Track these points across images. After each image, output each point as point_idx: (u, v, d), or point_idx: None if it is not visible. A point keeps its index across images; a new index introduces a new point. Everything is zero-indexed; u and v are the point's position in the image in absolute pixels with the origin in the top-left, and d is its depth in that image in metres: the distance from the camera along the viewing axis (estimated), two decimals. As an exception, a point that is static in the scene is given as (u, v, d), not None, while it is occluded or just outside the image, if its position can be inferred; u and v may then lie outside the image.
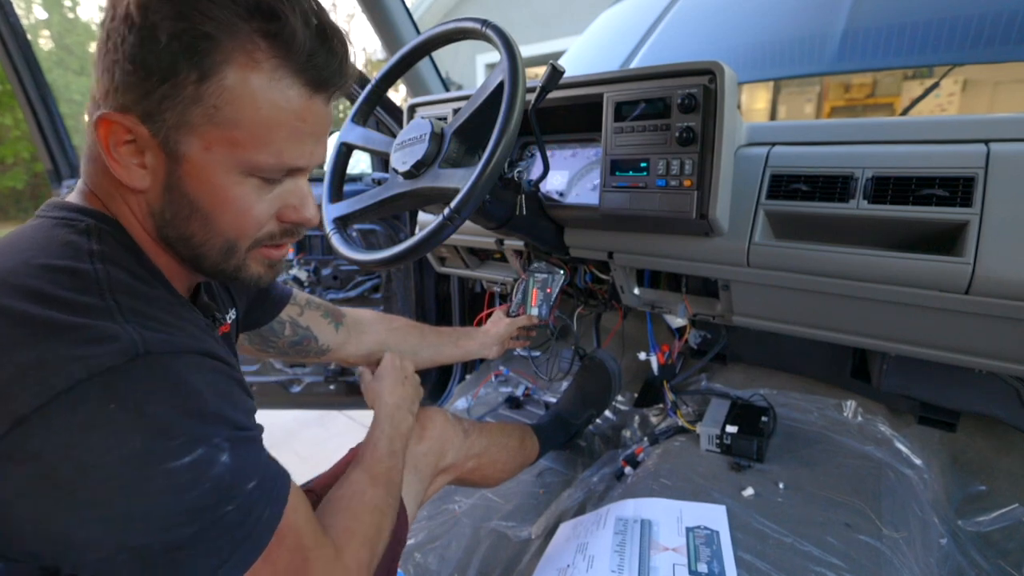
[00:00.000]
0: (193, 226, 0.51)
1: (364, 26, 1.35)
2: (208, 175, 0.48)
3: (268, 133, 0.48)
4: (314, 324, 0.90)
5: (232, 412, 0.47)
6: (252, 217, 0.51)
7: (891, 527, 0.81)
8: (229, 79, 0.45)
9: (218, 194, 0.49)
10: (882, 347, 0.86)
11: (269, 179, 0.51)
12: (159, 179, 0.49)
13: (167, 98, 0.45)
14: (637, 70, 0.87)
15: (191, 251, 0.52)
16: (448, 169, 0.76)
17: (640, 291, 1.10)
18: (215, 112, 0.46)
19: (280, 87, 0.47)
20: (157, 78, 0.44)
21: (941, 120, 0.79)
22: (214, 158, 0.48)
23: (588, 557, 0.78)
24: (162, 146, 0.47)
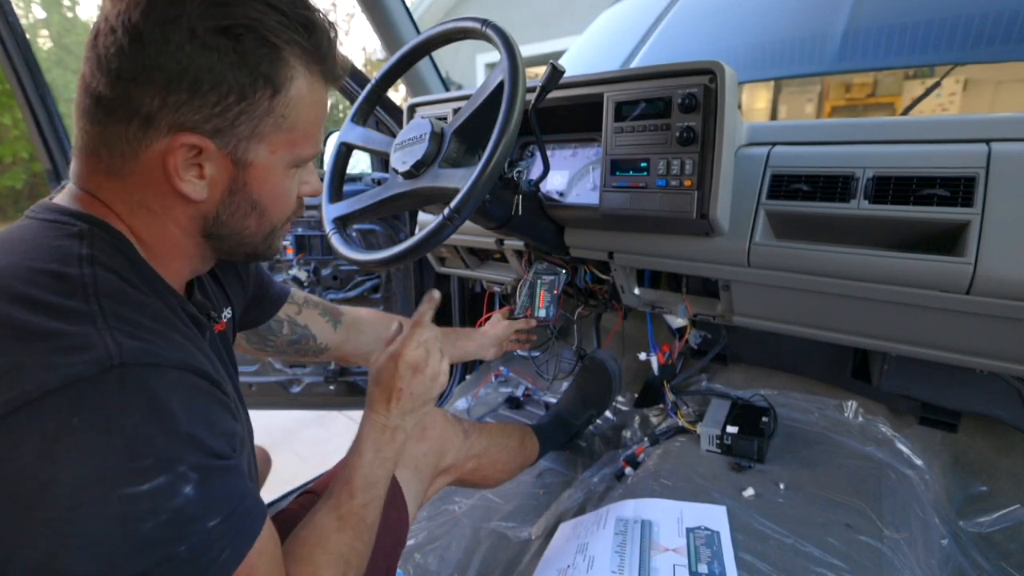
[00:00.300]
0: (249, 220, 0.55)
1: (364, 26, 1.35)
2: (271, 175, 0.53)
3: (313, 129, 0.55)
4: (312, 323, 0.90)
5: (207, 437, 0.44)
6: (292, 202, 0.58)
7: (892, 528, 0.81)
8: (293, 90, 0.50)
9: (276, 190, 0.55)
10: (883, 347, 0.86)
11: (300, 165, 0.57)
12: (220, 187, 0.52)
13: (243, 114, 0.48)
14: (637, 70, 0.87)
15: (239, 242, 0.57)
16: (448, 169, 0.76)
17: (640, 291, 1.10)
18: (282, 120, 0.51)
19: (319, 88, 0.53)
20: (234, 98, 0.47)
21: (942, 120, 0.79)
22: (277, 159, 0.53)
23: (588, 557, 0.78)
24: (229, 156, 0.50)
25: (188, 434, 0.42)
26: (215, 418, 0.46)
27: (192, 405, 0.44)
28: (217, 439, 0.45)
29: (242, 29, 0.46)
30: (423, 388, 0.70)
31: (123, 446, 0.39)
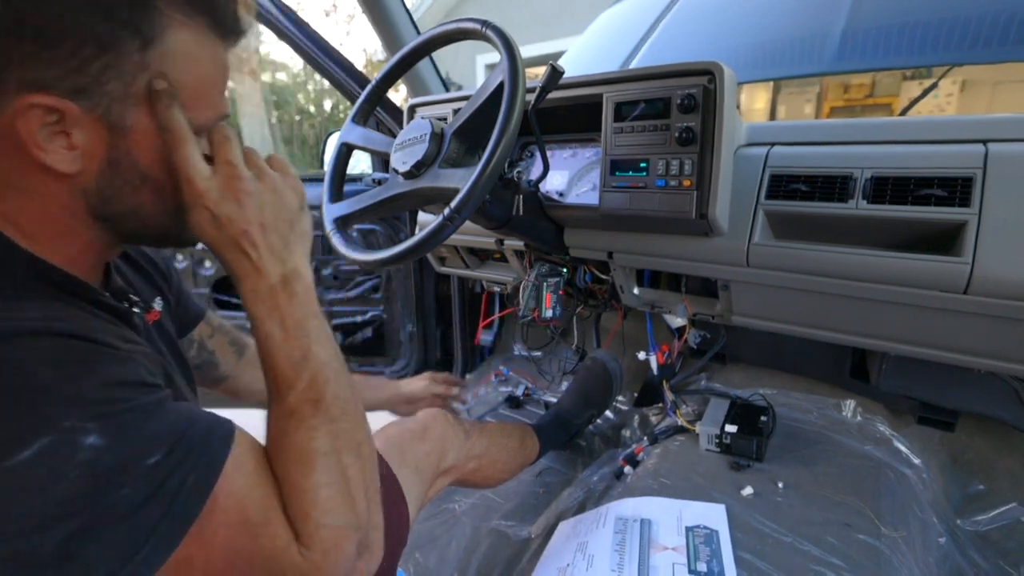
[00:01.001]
0: (143, 196, 0.48)
1: (364, 27, 1.35)
2: (157, 142, 0.47)
3: (206, 89, 0.48)
4: (220, 349, 0.84)
5: (93, 389, 0.39)
6: (200, 170, 0.49)
7: (890, 527, 0.81)
8: (170, 42, 0.44)
9: (167, 159, 0.48)
10: (881, 347, 0.86)
11: (203, 131, 0.50)
12: (97, 157, 0.45)
13: (108, 68, 0.42)
14: (637, 70, 0.87)
15: (139, 222, 0.50)
16: (448, 169, 0.76)
17: (640, 291, 1.11)
18: (162, 78, 0.44)
19: (208, 43, 0.47)
20: (92, 49, 0.41)
21: (940, 120, 0.79)
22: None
23: (588, 556, 0.78)
24: (102, 120, 0.44)
25: (60, 392, 0.38)
26: (103, 369, 0.41)
27: (64, 364, 0.40)
28: (113, 387, 0.41)
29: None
30: (273, 210, 0.53)
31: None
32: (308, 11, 10.07)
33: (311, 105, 9.64)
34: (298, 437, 0.49)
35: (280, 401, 0.51)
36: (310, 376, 0.51)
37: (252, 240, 0.51)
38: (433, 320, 1.69)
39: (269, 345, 0.51)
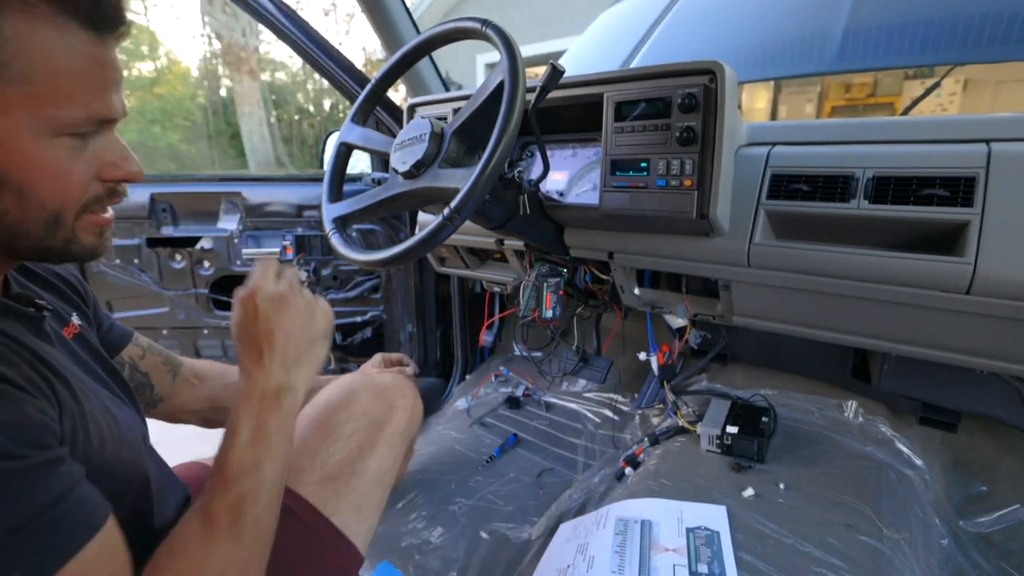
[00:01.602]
0: (5, 202, 0.43)
1: (364, 26, 1.35)
2: (13, 142, 0.42)
3: (69, 84, 0.43)
4: (153, 371, 0.81)
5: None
6: (74, 181, 0.46)
7: (892, 528, 0.81)
8: (7, 30, 0.39)
9: (30, 162, 0.43)
10: (883, 347, 0.86)
11: (82, 135, 0.45)
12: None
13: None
14: (637, 70, 0.87)
15: (6, 231, 0.45)
16: (448, 169, 0.76)
17: (640, 291, 1.10)
18: (3, 69, 0.40)
19: (66, 32, 0.42)
20: None
21: (942, 120, 0.79)
22: (15, 121, 0.41)
23: (588, 558, 0.78)
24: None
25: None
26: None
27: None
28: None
29: None
30: (302, 324, 0.56)
31: None
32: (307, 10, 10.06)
33: (310, 104, 9.65)
34: (193, 548, 0.48)
35: (204, 495, 0.50)
36: (246, 490, 0.51)
37: (272, 342, 0.53)
38: (433, 320, 1.69)
39: (231, 441, 0.52)
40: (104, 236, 0.51)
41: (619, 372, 1.49)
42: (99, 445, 0.47)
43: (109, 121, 0.47)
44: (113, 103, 0.46)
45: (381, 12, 1.31)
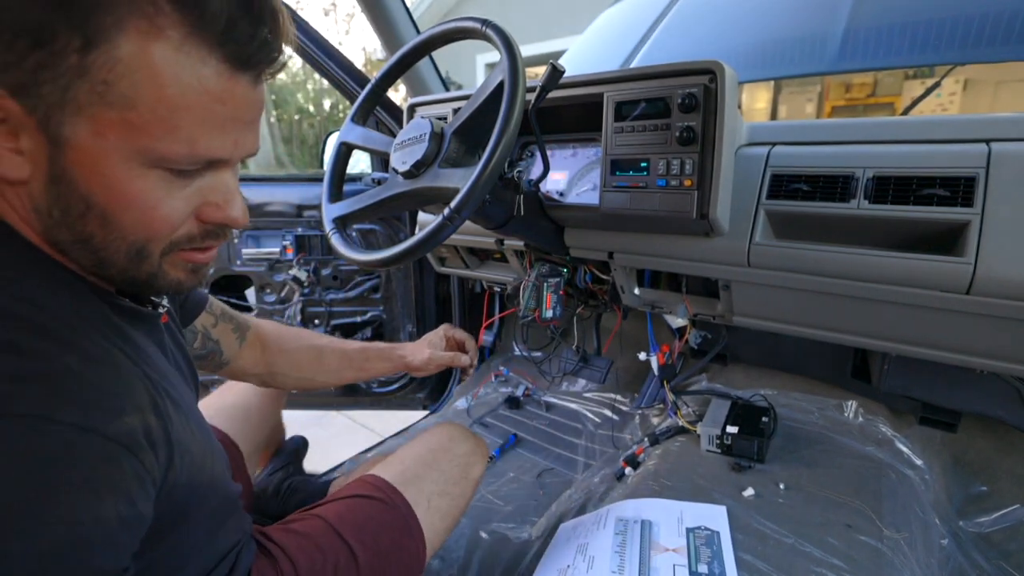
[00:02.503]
0: (91, 226, 0.42)
1: (364, 26, 1.35)
2: (102, 166, 0.39)
3: (175, 117, 0.39)
4: (223, 337, 0.83)
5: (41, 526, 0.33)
6: (161, 216, 0.43)
7: (892, 528, 0.81)
8: (123, 48, 0.36)
9: (116, 188, 0.40)
10: (883, 347, 0.86)
11: (182, 172, 0.42)
12: (41, 168, 0.40)
13: (43, 68, 0.36)
14: (637, 70, 0.87)
15: (93, 255, 0.43)
16: (448, 169, 0.76)
17: (640, 291, 1.10)
18: (106, 89, 0.37)
19: (191, 62, 0.38)
20: (27, 40, 0.35)
21: (942, 120, 0.79)
22: (107, 145, 0.39)
23: (588, 558, 0.78)
24: (40, 127, 0.38)
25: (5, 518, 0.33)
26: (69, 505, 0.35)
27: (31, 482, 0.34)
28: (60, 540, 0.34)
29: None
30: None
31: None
32: (307, 10, 10.06)
33: (310, 104, 9.64)
34: None
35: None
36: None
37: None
38: (433, 320, 1.69)
39: None
40: (198, 273, 0.49)
41: (619, 372, 1.49)
42: (183, 457, 0.45)
43: (220, 161, 0.44)
44: (228, 144, 0.43)
45: (381, 12, 1.31)
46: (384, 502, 0.71)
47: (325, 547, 0.63)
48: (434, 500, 0.76)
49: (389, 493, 0.73)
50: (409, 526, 0.71)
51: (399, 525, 0.70)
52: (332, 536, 0.64)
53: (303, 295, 1.63)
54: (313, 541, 0.63)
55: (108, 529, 0.36)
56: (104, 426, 0.37)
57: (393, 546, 0.68)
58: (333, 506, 0.70)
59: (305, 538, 0.63)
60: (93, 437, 0.36)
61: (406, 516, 0.72)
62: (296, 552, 0.61)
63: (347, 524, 0.66)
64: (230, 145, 0.43)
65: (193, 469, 0.46)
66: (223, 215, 0.46)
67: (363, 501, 0.71)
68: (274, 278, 1.64)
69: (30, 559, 0.33)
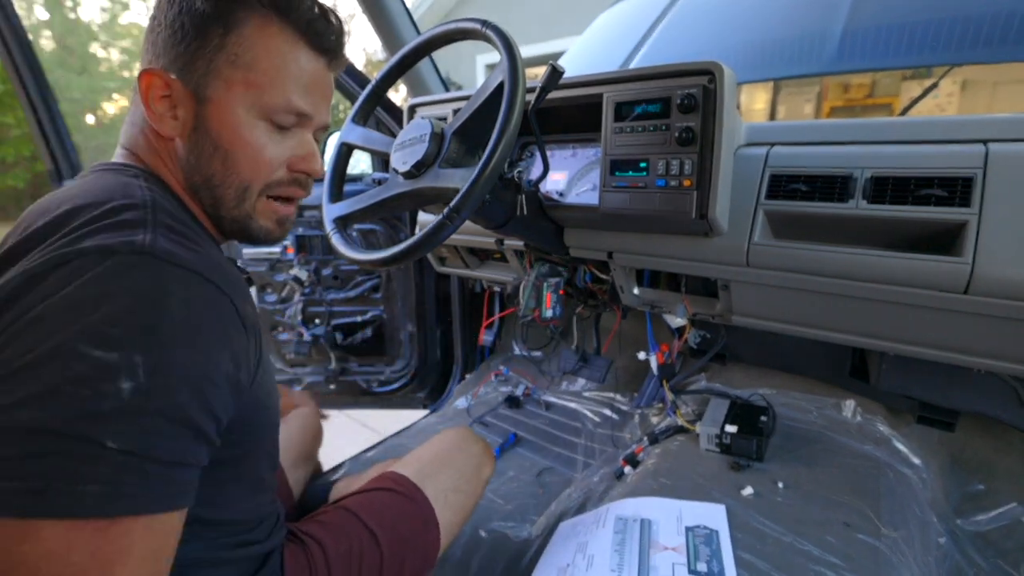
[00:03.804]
0: (215, 164, 0.57)
1: (364, 26, 1.35)
2: (228, 113, 0.55)
3: (278, 76, 0.56)
4: None
5: (187, 351, 0.42)
6: (265, 158, 0.58)
7: (890, 526, 0.81)
8: (247, 30, 0.54)
9: (236, 131, 0.56)
10: (881, 347, 0.86)
11: (280, 126, 0.58)
12: (187, 124, 0.56)
13: (199, 49, 0.54)
14: (637, 70, 0.87)
15: (211, 193, 0.58)
16: (448, 169, 0.76)
17: (640, 291, 1.11)
18: (236, 58, 0.54)
19: (288, 42, 0.56)
20: (192, 36, 0.53)
21: (940, 120, 0.79)
22: (234, 96, 0.55)
23: (588, 556, 0.78)
24: (193, 93, 0.55)
25: (170, 335, 0.41)
26: (209, 343, 0.44)
27: (193, 314, 0.43)
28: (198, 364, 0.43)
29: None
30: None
31: (107, 310, 0.40)
32: (308, 11, 10.03)
33: (311, 105, 9.61)
34: None
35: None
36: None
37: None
38: (433, 320, 1.69)
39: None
40: (283, 226, 0.64)
41: (618, 372, 1.49)
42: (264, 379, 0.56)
43: (304, 116, 0.59)
44: (311, 104, 0.58)
45: (381, 12, 1.31)
46: (404, 495, 0.77)
47: (351, 532, 0.70)
48: (449, 496, 0.81)
49: (409, 488, 0.78)
50: (426, 518, 0.76)
51: (418, 516, 0.76)
52: (356, 523, 0.71)
53: (304, 295, 1.63)
54: (339, 528, 0.71)
55: (215, 378, 0.45)
56: (239, 302, 0.48)
57: (411, 535, 0.74)
58: (355, 499, 0.76)
59: (331, 526, 0.71)
60: (227, 303, 0.47)
61: (424, 509, 0.77)
62: (324, 537, 0.69)
63: (369, 513, 0.73)
64: (312, 106, 0.59)
65: (267, 399, 0.57)
66: (307, 165, 0.61)
67: (384, 494, 0.77)
68: (275, 278, 1.64)
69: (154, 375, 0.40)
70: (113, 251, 0.43)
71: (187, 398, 0.42)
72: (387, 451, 1.31)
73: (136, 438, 0.40)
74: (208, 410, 0.44)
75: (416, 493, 0.78)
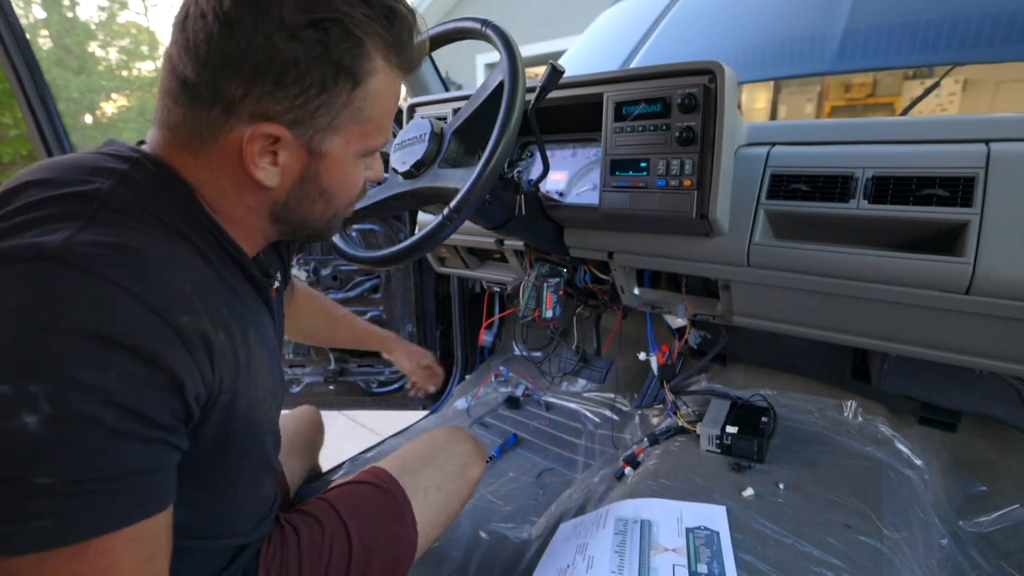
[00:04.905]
0: (317, 207, 0.56)
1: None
2: (342, 165, 0.54)
3: (387, 121, 0.55)
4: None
5: (91, 370, 0.37)
6: (359, 188, 0.58)
7: (892, 528, 0.81)
8: (372, 84, 0.50)
9: (347, 179, 0.55)
10: (883, 347, 0.86)
11: (369, 154, 0.57)
12: (293, 174, 0.52)
13: (323, 106, 0.48)
14: (637, 70, 0.87)
15: (303, 225, 0.57)
16: (448, 169, 0.76)
17: (640, 291, 1.10)
18: (359, 112, 0.51)
19: (395, 79, 0.53)
20: (316, 90, 0.47)
21: (941, 120, 0.79)
22: (349, 150, 0.53)
23: (588, 557, 0.78)
24: (306, 146, 0.50)
25: (66, 355, 0.37)
26: (119, 352, 0.39)
27: (94, 326, 0.38)
28: (114, 377, 0.38)
29: (330, 23, 0.46)
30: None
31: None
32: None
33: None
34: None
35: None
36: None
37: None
38: (433, 320, 1.69)
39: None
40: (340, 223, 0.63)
41: (619, 372, 1.49)
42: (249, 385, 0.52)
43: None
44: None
45: (381, 12, 1.31)
46: (381, 488, 0.77)
47: (324, 523, 0.71)
48: (431, 493, 0.80)
49: (387, 481, 0.78)
50: (402, 513, 0.76)
51: (392, 511, 0.76)
52: (332, 514, 0.72)
53: None
54: (316, 519, 0.71)
55: (140, 385, 0.40)
56: (168, 311, 0.42)
57: (383, 528, 0.74)
58: (337, 491, 0.77)
59: (310, 516, 0.72)
60: (139, 310, 0.41)
61: (400, 503, 0.77)
62: (300, 526, 0.70)
63: (346, 506, 0.74)
64: (391, 129, 0.59)
65: (255, 399, 0.54)
66: (374, 174, 0.61)
67: (362, 486, 0.78)
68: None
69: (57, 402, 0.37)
70: (16, 258, 0.39)
71: (114, 415, 0.38)
72: (386, 452, 1.31)
73: (71, 467, 0.37)
74: (146, 417, 0.40)
75: (395, 487, 0.78)
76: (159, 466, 0.43)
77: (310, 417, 1.16)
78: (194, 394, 0.44)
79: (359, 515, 0.73)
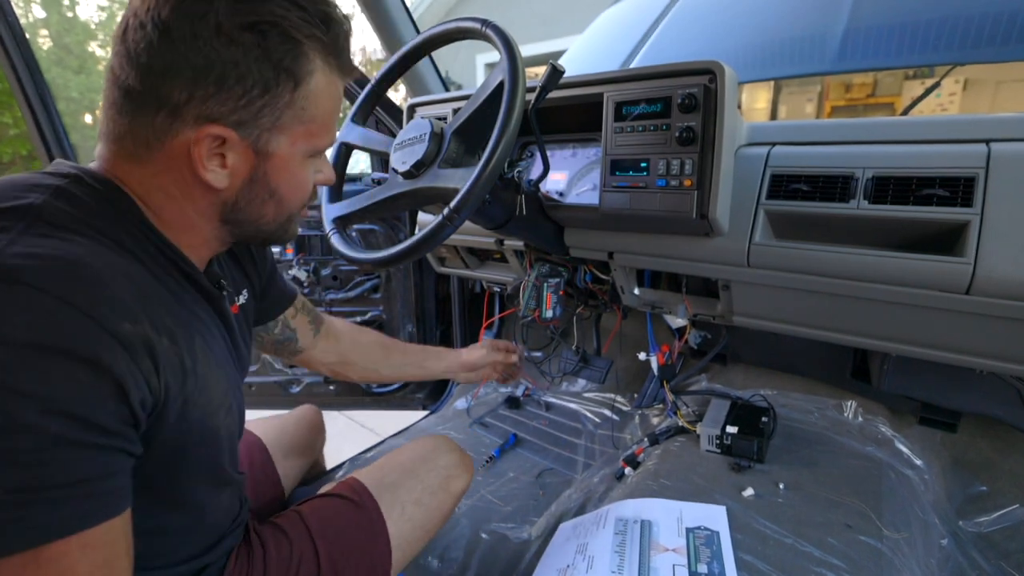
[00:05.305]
0: (267, 208, 0.57)
1: (364, 26, 1.35)
2: (290, 165, 0.55)
3: (331, 120, 0.56)
4: (300, 328, 0.92)
5: (29, 382, 0.38)
6: (307, 190, 0.59)
7: (892, 528, 0.81)
8: (313, 84, 0.52)
9: (294, 179, 0.56)
10: (883, 347, 0.86)
11: (315, 155, 0.58)
12: (241, 175, 0.53)
13: (266, 107, 0.50)
14: (637, 70, 0.87)
15: (256, 228, 0.58)
16: (448, 169, 0.76)
17: (640, 291, 1.10)
18: (302, 112, 0.52)
19: (334, 80, 0.55)
20: (258, 91, 0.49)
21: (942, 120, 0.79)
22: (296, 150, 0.54)
23: (588, 557, 0.78)
24: (252, 147, 0.52)
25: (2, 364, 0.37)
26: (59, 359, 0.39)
27: (30, 335, 0.38)
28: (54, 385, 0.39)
29: (267, 25, 0.47)
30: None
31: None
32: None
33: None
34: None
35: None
36: None
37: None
38: (433, 320, 1.68)
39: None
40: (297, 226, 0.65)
41: (619, 372, 1.49)
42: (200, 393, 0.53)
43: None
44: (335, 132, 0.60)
45: (381, 12, 1.31)
46: (355, 503, 0.76)
47: (294, 539, 0.70)
48: (408, 508, 0.79)
49: (362, 495, 0.77)
50: (375, 529, 0.74)
51: (365, 527, 0.74)
52: (301, 529, 0.71)
53: (303, 295, 1.63)
54: (285, 533, 0.70)
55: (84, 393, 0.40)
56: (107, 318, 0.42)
57: (355, 545, 0.72)
58: (312, 503, 0.76)
59: (280, 530, 0.71)
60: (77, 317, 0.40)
61: (373, 520, 0.75)
62: (269, 541, 0.69)
63: (317, 520, 0.72)
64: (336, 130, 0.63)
65: (208, 408, 0.54)
66: (324, 177, 0.62)
67: (335, 500, 0.76)
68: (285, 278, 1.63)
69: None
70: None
71: (59, 423, 0.39)
72: (386, 452, 1.31)
73: (16, 476, 0.37)
74: (92, 423, 0.41)
75: (369, 502, 0.76)
76: (111, 471, 0.43)
77: (311, 417, 1.15)
78: (139, 399, 0.44)
79: (330, 531, 0.71)
